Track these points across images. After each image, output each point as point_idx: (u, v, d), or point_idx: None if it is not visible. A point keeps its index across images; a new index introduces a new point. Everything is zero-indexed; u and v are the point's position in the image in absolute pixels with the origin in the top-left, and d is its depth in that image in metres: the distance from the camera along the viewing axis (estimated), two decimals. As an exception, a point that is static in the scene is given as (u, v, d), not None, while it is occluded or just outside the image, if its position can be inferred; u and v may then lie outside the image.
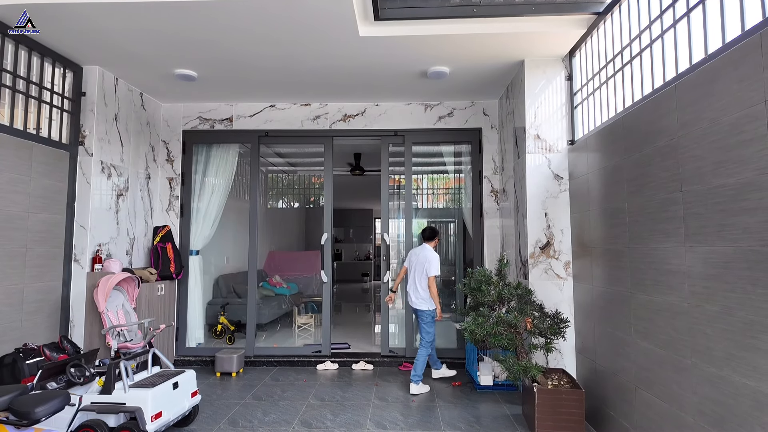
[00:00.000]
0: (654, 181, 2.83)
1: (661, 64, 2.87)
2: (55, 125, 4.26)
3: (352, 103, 5.64)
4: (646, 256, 2.91)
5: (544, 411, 3.41)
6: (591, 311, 3.77)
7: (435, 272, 4.59)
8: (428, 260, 4.63)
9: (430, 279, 4.59)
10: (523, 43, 4.06)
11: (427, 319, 4.61)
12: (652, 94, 2.92)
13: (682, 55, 2.70)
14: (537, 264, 4.25)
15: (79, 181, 4.43)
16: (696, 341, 2.43)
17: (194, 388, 3.68)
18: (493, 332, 3.57)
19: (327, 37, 3.89)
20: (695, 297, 2.44)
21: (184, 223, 5.69)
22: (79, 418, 3.15)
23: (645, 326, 2.93)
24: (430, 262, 4.62)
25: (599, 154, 3.60)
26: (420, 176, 6.33)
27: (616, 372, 3.33)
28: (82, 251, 4.39)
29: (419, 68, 4.58)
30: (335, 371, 5.25)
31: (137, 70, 4.65)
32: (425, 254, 4.69)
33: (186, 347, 5.61)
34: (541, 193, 4.30)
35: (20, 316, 3.82)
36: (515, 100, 4.72)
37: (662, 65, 2.86)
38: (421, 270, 4.66)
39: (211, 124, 5.72)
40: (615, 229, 3.33)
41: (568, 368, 4.07)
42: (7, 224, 3.69)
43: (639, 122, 3.02)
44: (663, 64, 2.85)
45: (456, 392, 4.52)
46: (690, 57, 2.62)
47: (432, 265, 4.61)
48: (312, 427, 3.68)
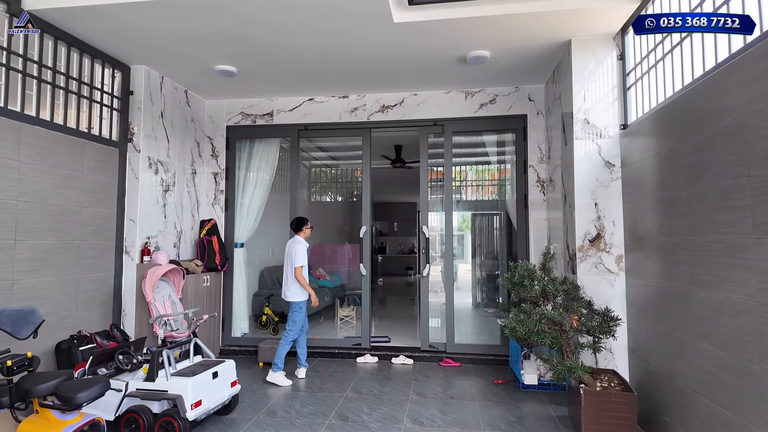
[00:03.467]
0: (716, 166, 2.54)
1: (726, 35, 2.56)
2: (106, 123, 4.46)
3: (389, 93, 5.54)
4: (707, 249, 2.63)
5: (591, 414, 3.19)
6: (645, 309, 3.49)
7: (300, 263, 4.62)
8: (295, 252, 4.66)
9: (296, 270, 4.61)
10: (568, 22, 3.79)
11: (294, 310, 4.63)
12: (714, 68, 2.62)
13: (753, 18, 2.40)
14: (586, 258, 3.99)
15: (128, 176, 4.62)
16: (765, 344, 2.16)
17: (234, 378, 3.75)
18: (536, 330, 3.38)
19: (360, 25, 3.81)
20: (764, 295, 2.17)
21: (229, 217, 5.83)
22: (125, 404, 3.29)
23: (705, 326, 2.66)
24: (296, 254, 4.64)
25: (655, 138, 3.31)
26: (461, 167, 6.14)
27: (672, 375, 3.06)
28: (132, 244, 4.59)
29: (457, 54, 4.41)
30: (375, 365, 5.22)
31: (179, 68, 4.78)
32: (293, 247, 4.70)
33: (231, 337, 5.77)
34: (591, 181, 4.03)
35: (75, 304, 4.04)
36: (562, 83, 4.44)
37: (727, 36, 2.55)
38: (289, 263, 4.69)
39: (253, 119, 5.81)
40: (671, 219, 3.04)
41: (620, 369, 3.80)
42: (62, 218, 3.91)
43: (699, 101, 2.72)
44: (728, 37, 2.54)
45: (498, 391, 4.35)
46: (761, 23, 2.32)
47: (298, 256, 4.63)
48: (348, 420, 3.65)
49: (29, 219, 3.59)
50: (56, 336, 3.78)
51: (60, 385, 2.41)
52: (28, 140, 3.58)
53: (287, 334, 4.62)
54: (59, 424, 2.40)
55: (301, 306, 4.64)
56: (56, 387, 2.40)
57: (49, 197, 3.77)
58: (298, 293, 4.64)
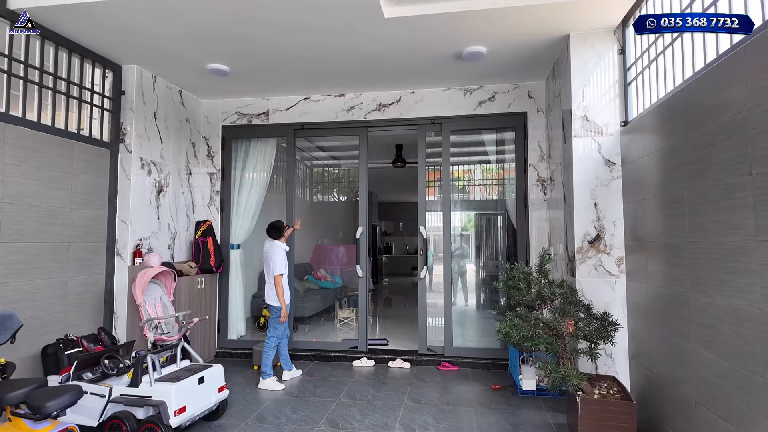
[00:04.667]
0: (717, 164, 2.40)
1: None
2: (96, 124, 4.41)
3: (386, 91, 5.43)
4: (708, 252, 2.49)
5: (589, 423, 3.05)
6: (647, 313, 3.34)
7: (279, 271, 4.45)
8: (273, 258, 4.49)
9: (276, 278, 4.45)
10: (567, 15, 3.65)
11: (275, 315, 4.51)
12: (716, 60, 2.48)
13: (754, 11, 2.26)
14: (585, 260, 3.85)
15: (120, 177, 4.57)
16: (769, 355, 2.02)
17: (222, 383, 3.67)
18: (531, 335, 3.25)
19: (351, 20, 3.71)
20: (768, 301, 2.02)
21: (224, 218, 5.76)
22: (110, 409, 3.22)
23: (707, 333, 2.51)
24: (275, 261, 4.47)
25: (656, 134, 3.16)
26: (462, 167, 6.01)
27: (674, 383, 2.91)
28: (123, 245, 4.53)
29: (453, 50, 4.28)
30: (371, 368, 5.11)
31: (172, 67, 4.72)
32: (273, 251, 4.53)
33: (227, 339, 5.71)
34: (590, 180, 3.88)
35: (64, 307, 3.99)
36: (562, 79, 4.30)
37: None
38: (268, 268, 4.53)
39: (249, 118, 5.74)
40: (673, 220, 2.90)
41: (621, 376, 3.65)
42: (50, 219, 3.86)
43: (699, 95, 2.58)
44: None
45: (496, 396, 4.22)
46: (762, 12, 2.17)
47: (276, 263, 4.46)
48: (338, 427, 3.55)
49: (13, 221, 3.54)
50: (43, 339, 3.73)
51: (30, 394, 2.34)
52: (12, 141, 3.53)
53: (269, 340, 4.52)
54: (30, 433, 2.34)
55: None
56: (26, 395, 2.33)
57: (36, 199, 3.72)
58: None
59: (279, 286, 4.45)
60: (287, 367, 4.75)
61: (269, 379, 4.44)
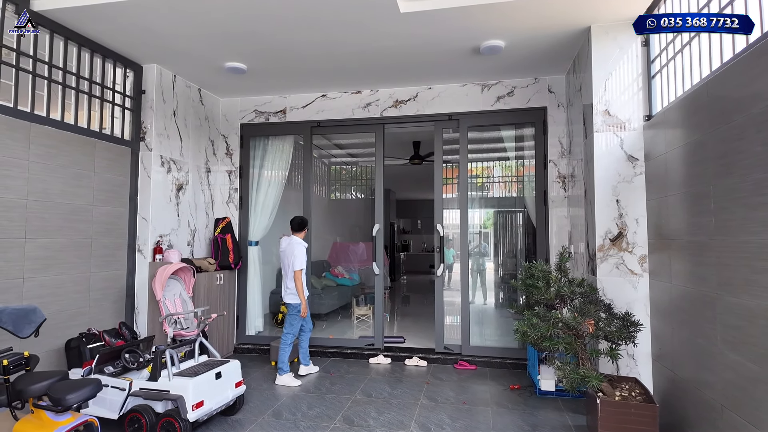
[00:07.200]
0: (747, 158, 2.29)
1: (758, 12, 2.30)
2: (118, 123, 4.49)
3: (403, 87, 5.39)
4: (736, 250, 2.39)
5: (609, 426, 2.97)
6: (670, 313, 3.24)
7: (300, 266, 4.47)
8: (293, 253, 4.48)
9: (296, 273, 4.46)
10: (587, 7, 3.55)
11: (292, 312, 4.53)
12: (745, 50, 2.37)
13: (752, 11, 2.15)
14: (606, 258, 3.75)
15: (140, 175, 4.65)
16: (801, 358, 1.93)
17: (239, 378, 3.70)
18: (549, 335, 3.18)
19: (367, 16, 3.68)
20: (800, 303, 1.93)
21: (243, 215, 5.82)
22: (130, 402, 3.28)
23: (734, 335, 2.41)
24: (296, 256, 4.47)
25: (681, 128, 3.05)
26: (478, 164, 5.92)
27: (699, 386, 2.81)
28: (144, 242, 4.61)
29: (470, 44, 4.21)
30: (387, 366, 5.10)
31: (190, 66, 4.77)
32: (294, 247, 4.51)
33: (245, 335, 5.77)
34: (612, 177, 3.78)
35: (87, 302, 4.08)
36: (583, 73, 4.19)
37: (759, 13, 2.30)
38: (288, 264, 4.53)
39: (266, 116, 5.77)
40: (697, 217, 2.79)
41: (643, 377, 3.55)
42: (73, 216, 3.95)
43: (727, 87, 2.47)
44: (760, 11, 2.29)
45: (513, 396, 4.16)
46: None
47: (297, 258, 4.46)
48: (354, 424, 3.55)
49: (39, 217, 3.63)
50: (67, 333, 3.83)
51: (52, 386, 2.40)
52: (37, 140, 3.63)
53: (285, 337, 4.56)
54: (52, 425, 2.39)
55: (299, 309, 4.55)
56: (48, 388, 2.39)
57: (60, 196, 3.81)
58: (296, 296, 4.55)
59: (299, 280, 4.48)
60: (305, 362, 4.78)
61: (286, 375, 4.46)
